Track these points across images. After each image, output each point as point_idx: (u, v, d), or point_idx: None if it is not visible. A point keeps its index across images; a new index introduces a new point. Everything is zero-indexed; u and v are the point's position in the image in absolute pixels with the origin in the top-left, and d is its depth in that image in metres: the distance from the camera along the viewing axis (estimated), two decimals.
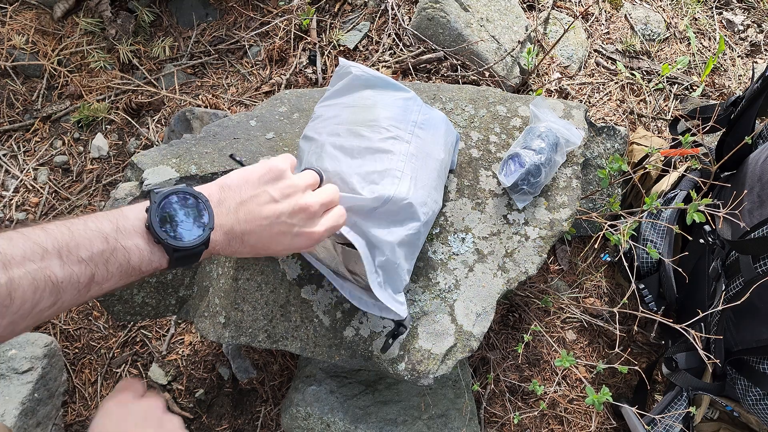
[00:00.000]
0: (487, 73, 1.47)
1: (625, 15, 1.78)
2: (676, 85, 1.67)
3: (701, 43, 1.77)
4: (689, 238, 1.24)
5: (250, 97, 1.51)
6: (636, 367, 1.07)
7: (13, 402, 1.02)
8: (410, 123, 0.80)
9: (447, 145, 0.88)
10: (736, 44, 1.80)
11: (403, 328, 0.75)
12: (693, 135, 1.14)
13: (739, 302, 0.95)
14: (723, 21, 1.85)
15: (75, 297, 0.48)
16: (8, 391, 1.03)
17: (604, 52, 1.70)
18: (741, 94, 1.25)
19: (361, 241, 0.71)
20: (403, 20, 1.57)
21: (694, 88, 1.67)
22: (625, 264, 1.10)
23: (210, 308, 0.93)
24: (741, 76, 1.72)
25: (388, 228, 0.73)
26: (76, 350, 1.26)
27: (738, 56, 1.77)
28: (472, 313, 0.88)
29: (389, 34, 1.55)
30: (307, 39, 1.57)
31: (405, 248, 0.76)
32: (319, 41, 1.57)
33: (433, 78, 1.51)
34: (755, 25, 1.85)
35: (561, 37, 1.50)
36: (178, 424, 0.61)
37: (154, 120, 1.48)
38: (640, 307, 1.15)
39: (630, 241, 1.08)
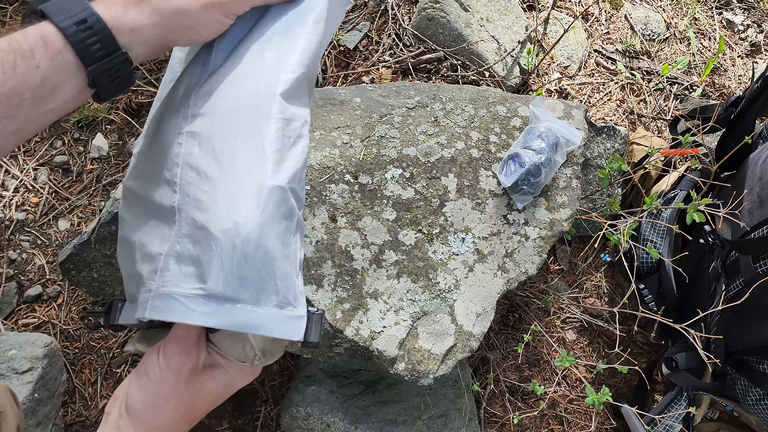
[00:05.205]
0: (487, 73, 1.47)
1: (625, 15, 1.78)
2: (676, 85, 1.67)
3: (701, 43, 1.77)
4: (689, 238, 1.24)
5: None
6: (636, 367, 1.06)
7: None
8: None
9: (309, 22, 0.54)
10: (736, 44, 1.80)
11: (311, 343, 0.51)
12: (693, 135, 1.14)
13: (739, 302, 0.95)
14: (723, 21, 1.85)
15: None
16: None
17: (604, 52, 1.70)
18: (741, 94, 1.25)
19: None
20: (403, 20, 1.57)
21: (694, 88, 1.67)
22: (625, 264, 1.10)
23: None
24: (741, 76, 1.72)
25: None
26: (76, 350, 1.26)
27: (738, 56, 1.77)
28: (472, 313, 0.88)
29: (389, 34, 1.55)
30: None
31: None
32: None
33: (433, 78, 1.51)
34: (755, 25, 1.85)
35: (561, 37, 1.50)
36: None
37: None
38: (640, 307, 1.15)
39: (630, 241, 1.08)
